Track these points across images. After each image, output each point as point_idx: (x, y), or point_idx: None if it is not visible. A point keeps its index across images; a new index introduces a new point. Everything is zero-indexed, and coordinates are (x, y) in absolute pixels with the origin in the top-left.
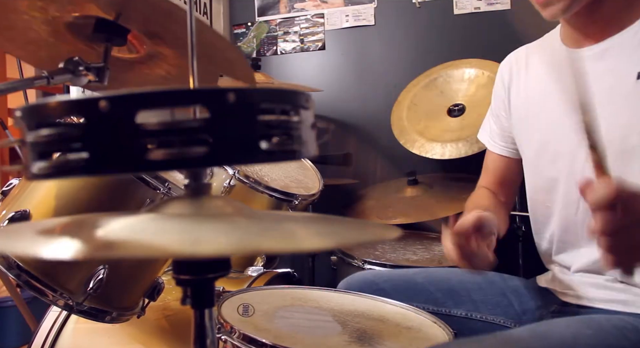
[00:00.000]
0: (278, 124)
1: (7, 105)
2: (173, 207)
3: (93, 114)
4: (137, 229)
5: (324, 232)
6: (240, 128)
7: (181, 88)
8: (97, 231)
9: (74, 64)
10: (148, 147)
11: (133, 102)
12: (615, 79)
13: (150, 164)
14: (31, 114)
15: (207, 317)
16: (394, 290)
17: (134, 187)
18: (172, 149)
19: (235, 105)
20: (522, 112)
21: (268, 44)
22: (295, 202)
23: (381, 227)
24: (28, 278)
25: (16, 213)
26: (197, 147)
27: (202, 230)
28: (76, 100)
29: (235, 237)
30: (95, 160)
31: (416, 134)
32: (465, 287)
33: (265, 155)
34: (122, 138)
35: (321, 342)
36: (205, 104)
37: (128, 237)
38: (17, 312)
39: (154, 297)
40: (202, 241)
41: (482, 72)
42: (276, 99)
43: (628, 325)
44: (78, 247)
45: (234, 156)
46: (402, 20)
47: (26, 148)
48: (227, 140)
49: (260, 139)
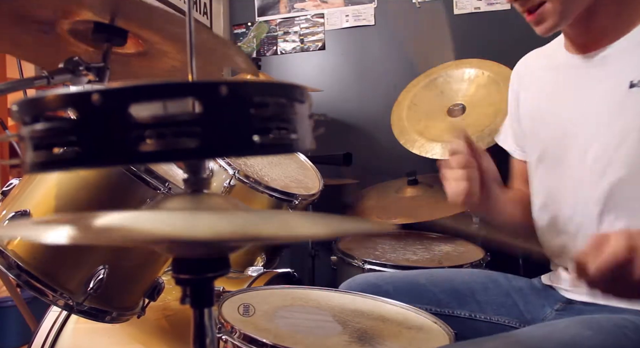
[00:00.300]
0: (271, 117)
1: (7, 105)
2: (172, 203)
3: (86, 107)
4: (132, 218)
5: (320, 222)
6: (233, 121)
7: (173, 81)
8: (94, 220)
9: (74, 64)
10: (140, 139)
11: (125, 95)
12: (609, 88)
13: (142, 156)
14: (26, 107)
15: (206, 317)
16: (397, 292)
17: (134, 187)
18: (164, 141)
19: (228, 97)
20: (528, 119)
21: (268, 44)
22: (295, 202)
23: (376, 222)
24: (28, 278)
25: (16, 213)
26: (190, 140)
27: (199, 218)
28: (69, 93)
29: (233, 222)
30: (88, 152)
31: (416, 134)
32: (469, 287)
33: (258, 148)
34: (114, 131)
35: (321, 342)
36: (197, 97)
37: (125, 223)
38: (17, 312)
39: (154, 297)
40: (199, 225)
41: (482, 72)
42: (269, 92)
43: (630, 324)
44: (76, 233)
45: (226, 149)
46: (402, 20)
47: (22, 142)
48: (219, 132)
49: (253, 132)
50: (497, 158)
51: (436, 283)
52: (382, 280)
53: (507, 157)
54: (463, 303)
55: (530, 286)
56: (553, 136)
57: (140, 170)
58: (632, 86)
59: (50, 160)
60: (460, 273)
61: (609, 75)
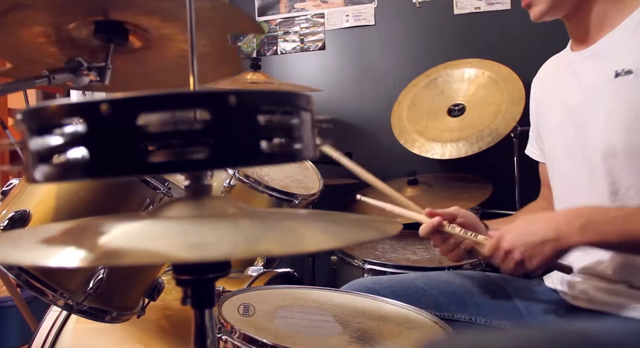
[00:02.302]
0: (279, 126)
1: (8, 105)
2: (175, 210)
3: (94, 117)
4: (140, 235)
5: (330, 231)
6: (241, 130)
7: (182, 91)
8: (100, 238)
9: (75, 64)
10: (149, 149)
11: (134, 105)
12: (598, 80)
13: (151, 166)
14: (32, 117)
15: (207, 317)
16: (395, 296)
17: (134, 187)
18: (173, 151)
19: (236, 107)
20: (542, 119)
21: (268, 44)
22: (295, 202)
23: (383, 222)
24: (28, 278)
25: (16, 213)
26: (199, 150)
27: (206, 235)
28: (77, 103)
29: (240, 240)
30: (97, 163)
31: (416, 134)
32: (468, 290)
33: (266, 157)
34: (123, 141)
35: (321, 342)
36: (206, 107)
37: (132, 244)
38: (17, 312)
39: (154, 296)
40: (207, 246)
41: (482, 72)
42: (277, 101)
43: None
44: (83, 256)
45: (235, 158)
46: (402, 20)
47: (27, 151)
48: (228, 142)
49: (261, 141)
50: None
51: (435, 286)
52: (379, 284)
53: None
54: (462, 307)
55: (530, 288)
56: (561, 130)
57: None
58: (617, 75)
59: (57, 171)
60: (459, 276)
61: (598, 66)
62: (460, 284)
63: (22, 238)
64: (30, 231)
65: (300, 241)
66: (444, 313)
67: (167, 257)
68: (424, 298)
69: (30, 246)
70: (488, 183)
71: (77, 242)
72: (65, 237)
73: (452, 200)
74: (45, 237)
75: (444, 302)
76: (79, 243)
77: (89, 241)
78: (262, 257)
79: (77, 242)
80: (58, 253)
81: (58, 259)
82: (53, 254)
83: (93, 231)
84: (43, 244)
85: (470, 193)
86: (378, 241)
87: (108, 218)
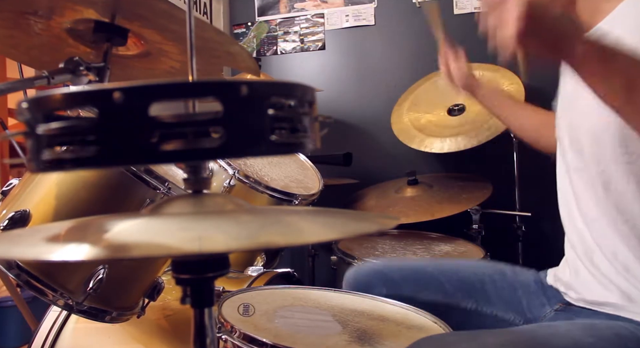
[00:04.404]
0: (287, 117)
1: (7, 105)
2: (175, 207)
3: (107, 105)
4: (143, 230)
5: (329, 223)
6: (252, 121)
7: (195, 80)
8: (103, 234)
9: (74, 64)
10: (162, 138)
11: (147, 94)
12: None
13: (163, 155)
14: (41, 104)
15: (206, 316)
16: (404, 280)
17: (134, 187)
18: (185, 140)
19: (247, 98)
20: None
21: (268, 44)
22: (295, 202)
23: (381, 216)
24: (28, 278)
25: (16, 213)
26: (210, 139)
27: (208, 228)
28: (89, 91)
29: (242, 232)
30: (108, 151)
31: (416, 130)
32: (477, 278)
33: (274, 148)
34: (135, 129)
35: (321, 341)
36: (218, 97)
37: (135, 238)
38: (17, 312)
39: (154, 296)
40: (209, 239)
41: (482, 72)
42: (286, 93)
43: (629, 334)
44: (87, 250)
45: (245, 148)
46: (402, 20)
47: (33, 139)
48: (239, 132)
49: (270, 132)
50: (497, 156)
51: (444, 272)
52: (389, 268)
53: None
54: (469, 295)
55: (536, 281)
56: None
57: (140, 170)
58: None
59: (69, 158)
60: (468, 264)
61: None
62: (469, 272)
63: (23, 236)
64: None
65: (301, 233)
66: (450, 300)
67: (171, 249)
68: (431, 283)
69: (33, 242)
70: (488, 183)
71: (80, 237)
72: (68, 233)
73: (452, 200)
74: (48, 235)
75: (450, 288)
76: (83, 238)
77: (92, 236)
78: (262, 257)
79: (80, 238)
80: (62, 248)
81: (62, 253)
82: (57, 249)
83: (95, 228)
84: (46, 240)
85: (470, 193)
86: (378, 241)
87: (109, 217)
